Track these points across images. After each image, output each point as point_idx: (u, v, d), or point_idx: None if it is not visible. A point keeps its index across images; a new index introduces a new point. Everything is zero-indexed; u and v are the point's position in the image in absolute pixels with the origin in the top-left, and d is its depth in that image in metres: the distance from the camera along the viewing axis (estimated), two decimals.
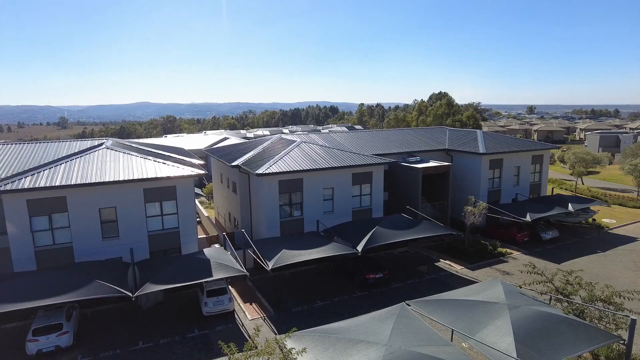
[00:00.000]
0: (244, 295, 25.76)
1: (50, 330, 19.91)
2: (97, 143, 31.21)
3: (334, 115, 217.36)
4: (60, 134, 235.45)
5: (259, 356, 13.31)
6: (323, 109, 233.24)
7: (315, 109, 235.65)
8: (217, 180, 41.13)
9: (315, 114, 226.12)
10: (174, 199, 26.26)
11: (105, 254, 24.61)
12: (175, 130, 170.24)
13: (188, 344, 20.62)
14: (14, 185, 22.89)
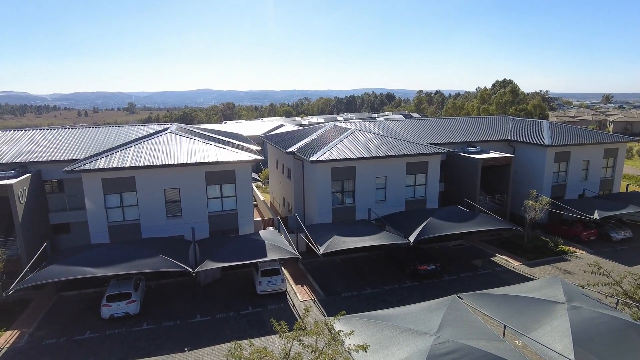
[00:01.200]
0: (295, 277, 26.58)
1: (121, 298, 21.88)
2: (163, 128, 33.21)
3: (390, 103, 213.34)
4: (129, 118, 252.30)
5: (308, 336, 13.80)
6: (379, 96, 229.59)
7: (370, 96, 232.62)
8: (272, 166, 42.30)
9: (370, 101, 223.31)
10: (233, 183, 27.48)
11: (168, 232, 26.40)
12: (234, 116, 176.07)
13: (242, 320, 21.76)
14: (91, 165, 25.12)
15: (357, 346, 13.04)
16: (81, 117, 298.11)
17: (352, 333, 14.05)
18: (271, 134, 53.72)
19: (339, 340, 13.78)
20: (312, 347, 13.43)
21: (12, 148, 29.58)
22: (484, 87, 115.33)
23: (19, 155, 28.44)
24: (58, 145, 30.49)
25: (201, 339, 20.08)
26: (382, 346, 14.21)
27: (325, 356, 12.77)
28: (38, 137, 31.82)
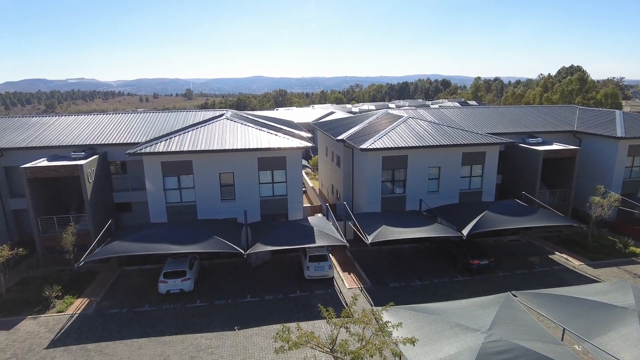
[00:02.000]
0: (343, 265, 26.66)
1: (177, 275, 23.08)
2: (219, 114, 34.23)
3: (445, 90, 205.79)
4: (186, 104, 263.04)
5: (355, 324, 13.81)
6: (434, 83, 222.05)
7: (425, 83, 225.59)
8: (322, 153, 42.40)
9: (424, 88, 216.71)
10: (284, 169, 27.87)
11: (222, 214, 27.36)
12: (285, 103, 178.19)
13: (290, 303, 22.21)
14: (152, 148, 26.45)
15: (405, 339, 12.87)
16: (142, 102, 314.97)
17: (400, 325, 13.89)
18: (321, 121, 53.79)
19: (386, 331, 13.67)
20: (359, 336, 13.43)
21: (83, 131, 31.80)
22: (547, 75, 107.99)
23: (88, 138, 30.54)
24: (122, 129, 32.37)
25: (250, 319, 20.76)
26: (430, 340, 13.92)
27: (372, 346, 12.73)
28: (105, 121, 33.96)
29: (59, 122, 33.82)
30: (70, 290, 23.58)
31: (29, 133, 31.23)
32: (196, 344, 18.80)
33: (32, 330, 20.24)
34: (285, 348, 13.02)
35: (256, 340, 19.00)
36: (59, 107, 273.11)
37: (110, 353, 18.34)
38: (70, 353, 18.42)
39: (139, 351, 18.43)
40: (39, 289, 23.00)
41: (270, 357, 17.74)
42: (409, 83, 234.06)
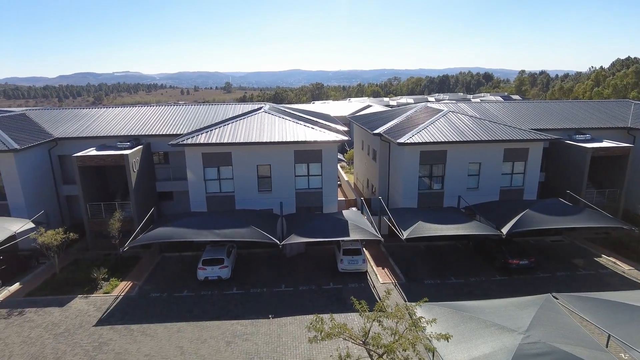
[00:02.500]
0: (377, 259, 26.60)
1: (215, 262, 23.84)
2: (257, 107, 34.80)
3: (487, 83, 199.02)
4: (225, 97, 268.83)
5: (389, 318, 13.81)
6: (475, 76, 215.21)
7: (466, 76, 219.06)
8: (358, 147, 42.26)
9: (465, 82, 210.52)
10: (320, 162, 28.05)
11: (259, 205, 27.93)
12: (322, 96, 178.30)
13: (323, 294, 22.46)
14: (193, 140, 27.32)
15: (439, 335, 12.76)
16: (183, 95, 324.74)
17: (434, 321, 13.77)
18: (358, 114, 53.52)
19: (420, 327, 13.60)
20: (392, 330, 13.43)
21: (128, 122, 33.26)
22: (599, 67, 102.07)
23: (133, 129, 31.92)
24: (165, 121, 33.59)
25: (284, 308, 21.18)
26: (464, 338, 13.71)
27: (405, 340, 12.70)
28: (149, 113, 35.34)
29: (106, 113, 35.54)
30: (116, 273, 24.90)
31: (80, 124, 33.02)
32: (232, 330, 19.41)
33: (82, 308, 21.59)
34: (318, 338, 13.22)
35: (290, 329, 19.39)
36: (106, 99, 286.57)
37: (152, 334, 19.28)
38: (115, 332, 19.52)
39: (178, 334, 19.26)
40: (88, 270, 24.43)
41: (303, 346, 18.06)
42: (450, 76, 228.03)
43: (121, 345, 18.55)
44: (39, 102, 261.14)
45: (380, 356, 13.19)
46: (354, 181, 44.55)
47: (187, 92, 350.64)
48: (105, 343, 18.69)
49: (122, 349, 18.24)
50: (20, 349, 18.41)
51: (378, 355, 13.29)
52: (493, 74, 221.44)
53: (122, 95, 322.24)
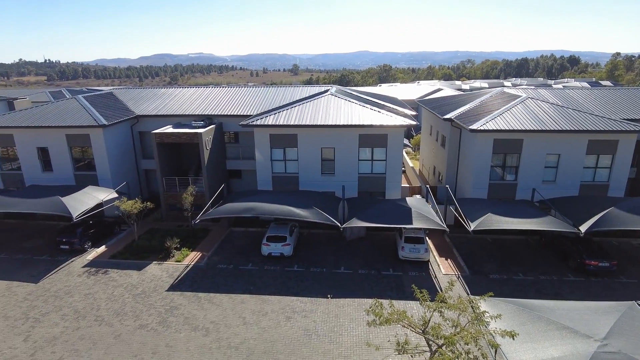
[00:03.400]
0: (440, 250, 25.91)
1: (278, 239, 24.64)
2: (324, 90, 34.87)
3: (572, 67, 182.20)
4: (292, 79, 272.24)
5: (450, 310, 13.47)
6: (558, 60, 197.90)
7: (548, 59, 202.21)
8: (425, 132, 40.95)
9: (547, 65, 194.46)
10: (385, 147, 27.62)
11: (321, 187, 28.25)
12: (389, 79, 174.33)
13: (382, 280, 22.38)
14: (262, 121, 28.08)
15: (504, 331, 12.24)
16: (253, 77, 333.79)
17: (499, 317, 13.23)
18: (427, 98, 51.63)
19: (483, 321, 13.13)
20: (453, 322, 13.11)
21: (202, 102, 34.92)
22: None
23: (206, 109, 33.45)
24: (235, 102, 34.81)
25: (343, 289, 21.44)
26: (531, 338, 13.02)
27: (467, 333, 12.34)
28: (221, 94, 36.80)
29: (182, 93, 37.56)
30: (187, 243, 26.64)
31: (158, 102, 35.27)
32: (292, 306, 20.07)
33: (156, 273, 23.46)
34: (377, 322, 13.26)
35: (347, 310, 19.63)
36: (181, 79, 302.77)
37: (217, 303, 20.50)
38: (185, 298, 21.02)
39: (242, 305, 20.29)
40: (162, 239, 26.40)
41: (360, 328, 18.23)
42: (529, 59, 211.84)
43: (189, 310, 19.96)
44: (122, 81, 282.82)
45: (440, 347, 12.95)
46: (419, 168, 43.41)
47: (256, 73, 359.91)
48: (175, 307, 20.21)
49: (190, 315, 19.62)
50: (106, 305, 20.49)
51: (437, 345, 13.07)
52: (580, 57, 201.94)
53: (196, 75, 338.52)
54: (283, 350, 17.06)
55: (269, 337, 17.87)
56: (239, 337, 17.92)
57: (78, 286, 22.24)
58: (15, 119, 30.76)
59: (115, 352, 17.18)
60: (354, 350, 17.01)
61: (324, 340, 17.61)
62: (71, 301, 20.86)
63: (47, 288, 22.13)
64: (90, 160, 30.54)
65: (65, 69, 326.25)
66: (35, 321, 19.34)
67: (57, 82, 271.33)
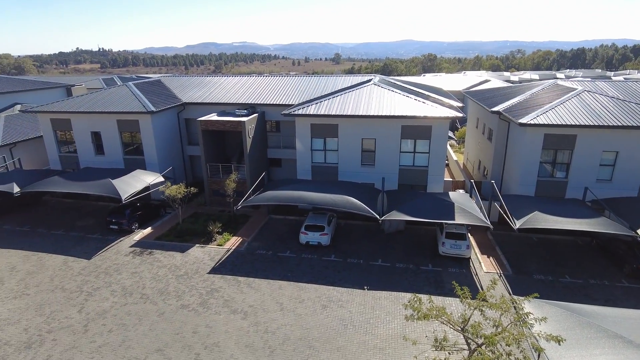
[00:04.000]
0: (482, 247, 25.13)
1: (316, 229, 24.79)
2: (366, 79, 34.40)
3: (636, 58, 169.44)
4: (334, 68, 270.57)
5: (492, 309, 13.07)
6: (620, 49, 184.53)
7: (608, 49, 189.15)
8: (471, 125, 39.61)
9: (607, 56, 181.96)
10: (428, 139, 26.96)
11: (361, 178, 28.06)
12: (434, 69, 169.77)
13: (420, 274, 22.04)
14: (304, 110, 28.13)
15: (550, 335, 11.72)
16: (294, 66, 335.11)
17: (544, 319, 12.68)
18: (474, 89, 49.78)
19: (526, 323, 12.65)
20: (495, 322, 12.71)
21: (245, 91, 35.44)
22: None
23: (250, 97, 33.94)
24: (277, 91, 35.07)
25: (380, 282, 21.31)
26: (579, 344, 12.39)
27: (509, 334, 11.93)
28: (264, 83, 37.17)
29: (226, 82, 38.28)
30: (228, 228, 27.35)
31: (204, 90, 36.14)
32: (328, 295, 20.20)
33: (198, 256, 24.30)
34: (414, 317, 13.09)
35: (384, 303, 19.52)
36: (225, 68, 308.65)
37: (256, 287, 20.98)
38: (225, 281, 21.65)
39: (279, 290, 20.65)
40: (205, 223, 27.24)
41: (397, 322, 18.09)
42: (586, 49, 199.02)
43: (229, 293, 20.55)
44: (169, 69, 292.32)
45: (479, 346, 12.63)
46: (463, 161, 42.15)
47: (298, 62, 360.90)
48: (216, 290, 20.87)
49: (230, 297, 20.21)
50: (151, 284, 21.50)
51: (477, 344, 12.75)
52: None
53: (239, 64, 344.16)
54: (319, 338, 17.25)
55: (305, 324, 18.11)
56: (275, 323, 18.28)
57: (126, 265, 23.45)
58: (72, 104, 32.58)
59: (158, 329, 18.02)
60: (389, 343, 16.92)
61: (359, 331, 17.64)
62: (119, 278, 22.04)
63: (98, 265, 23.49)
64: (138, 145, 31.89)
65: (117, 57, 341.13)
66: (88, 295, 20.61)
67: (109, 70, 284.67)
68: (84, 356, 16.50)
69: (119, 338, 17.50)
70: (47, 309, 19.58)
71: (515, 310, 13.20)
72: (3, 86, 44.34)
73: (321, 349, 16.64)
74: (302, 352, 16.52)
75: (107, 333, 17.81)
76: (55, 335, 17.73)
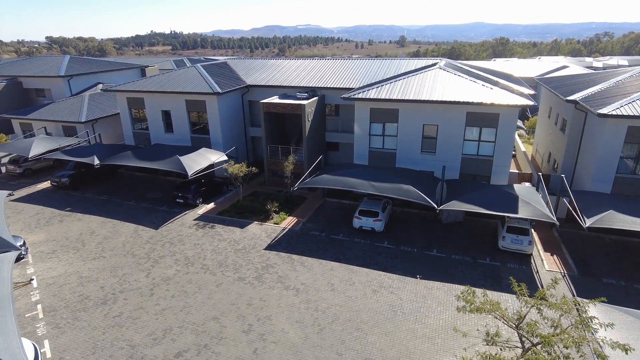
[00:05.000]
0: (546, 244, 23.73)
1: (370, 214, 24.75)
2: (431, 63, 33.18)
3: None
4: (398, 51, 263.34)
5: (551, 309, 12.43)
6: None
7: None
8: (543, 114, 37.05)
9: None
10: (495, 127, 25.66)
11: (420, 166, 27.43)
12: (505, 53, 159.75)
13: (477, 268, 21.34)
14: (364, 94, 27.85)
15: (616, 343, 10.95)
16: (357, 49, 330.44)
17: (610, 326, 11.85)
18: (548, 76, 46.26)
19: (589, 327, 11.91)
20: (553, 322, 12.11)
21: (307, 74, 35.69)
22: None
23: (311, 81, 34.15)
24: (338, 74, 34.92)
25: (433, 272, 20.95)
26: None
27: (568, 337, 11.31)
28: (325, 66, 37.16)
29: (288, 65, 38.75)
30: (285, 208, 28.12)
31: (267, 73, 36.90)
32: (379, 280, 20.25)
33: (256, 232, 25.30)
34: (467, 309, 12.80)
35: (436, 293, 19.21)
36: (288, 51, 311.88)
37: (309, 267, 21.52)
38: (280, 258, 22.42)
39: (331, 272, 21.03)
40: (263, 202, 28.22)
41: (448, 313, 17.78)
42: None
43: (283, 270, 21.28)
44: (235, 52, 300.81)
45: (534, 345, 12.10)
46: (531, 153, 39.69)
47: (361, 45, 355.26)
48: (271, 265, 21.70)
49: (284, 274, 20.93)
50: (211, 255, 22.81)
51: (531, 343, 12.22)
52: None
53: (302, 47, 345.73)
54: (367, 321, 17.43)
55: (354, 307, 18.35)
56: (326, 302, 18.70)
57: (189, 236, 25.02)
58: (145, 84, 34.79)
59: (216, 298, 19.16)
60: (439, 333, 16.71)
61: (409, 319, 17.57)
62: (183, 249, 23.60)
63: (164, 235, 25.29)
64: (205, 125, 33.48)
65: (187, 40, 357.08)
66: (154, 262, 22.34)
67: (180, 52, 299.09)
68: (149, 317, 18.02)
69: (180, 303, 18.86)
70: (120, 271, 21.52)
71: (578, 313, 12.47)
72: (88, 67, 48.33)
73: (369, 332, 16.83)
74: (350, 333, 16.81)
75: (170, 298, 19.26)
76: (126, 295, 19.49)
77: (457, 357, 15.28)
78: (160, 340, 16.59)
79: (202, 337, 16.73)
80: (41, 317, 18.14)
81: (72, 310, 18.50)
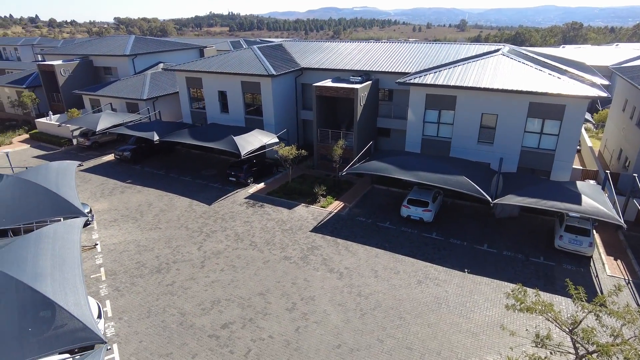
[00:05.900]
0: (609, 247, 22.15)
1: (420, 204, 24.26)
2: (494, 49, 31.51)
3: None
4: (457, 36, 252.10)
5: (612, 316, 11.64)
6: None
7: None
8: (616, 107, 34.17)
9: None
10: (559, 119, 24.05)
11: (475, 156, 26.37)
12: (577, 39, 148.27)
13: (529, 266, 20.38)
14: (420, 80, 27.03)
15: None
16: (415, 32, 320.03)
17: None
18: (626, 65, 42.41)
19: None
20: (614, 331, 11.35)
21: (361, 58, 35.11)
22: None
23: (365, 65, 33.57)
24: (394, 58, 34.05)
25: (482, 266, 20.28)
26: None
27: (630, 348, 10.57)
28: (380, 50, 36.34)
29: (343, 47, 38.29)
30: (332, 192, 28.22)
31: (321, 56, 36.71)
32: (425, 271, 19.92)
33: (303, 214, 25.66)
34: (516, 308, 12.30)
35: (484, 289, 18.62)
36: (343, 33, 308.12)
37: (353, 252, 21.57)
38: (325, 241, 22.64)
39: (375, 258, 20.96)
40: (311, 185, 28.48)
41: (495, 310, 17.21)
42: None
43: (327, 253, 21.49)
44: (290, 34, 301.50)
45: (589, 353, 11.44)
46: (599, 149, 36.89)
47: (419, 29, 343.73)
48: (316, 247, 21.98)
49: (328, 257, 21.14)
50: (259, 233, 23.48)
51: (586, 351, 11.55)
52: None
53: (357, 30, 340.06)
54: (410, 311, 17.27)
55: (397, 295, 18.23)
56: (369, 288, 18.73)
57: (239, 214, 25.86)
58: (203, 65, 35.85)
59: (262, 274, 19.77)
60: (484, 329, 16.25)
61: (453, 312, 17.20)
62: (233, 225, 24.46)
63: (216, 211, 26.30)
64: (258, 106, 34.08)
65: (244, 21, 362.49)
66: (206, 236, 23.36)
67: (236, 33, 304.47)
68: (199, 287, 18.96)
69: (229, 277, 19.65)
70: (174, 242, 22.73)
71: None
72: (151, 47, 50.54)
73: (412, 322, 16.68)
74: (392, 320, 16.77)
75: (219, 271, 20.11)
76: (179, 266, 20.60)
77: (502, 355, 14.82)
78: (209, 311, 17.44)
79: (248, 311, 17.38)
80: (104, 279, 19.66)
81: (130, 276, 19.87)
